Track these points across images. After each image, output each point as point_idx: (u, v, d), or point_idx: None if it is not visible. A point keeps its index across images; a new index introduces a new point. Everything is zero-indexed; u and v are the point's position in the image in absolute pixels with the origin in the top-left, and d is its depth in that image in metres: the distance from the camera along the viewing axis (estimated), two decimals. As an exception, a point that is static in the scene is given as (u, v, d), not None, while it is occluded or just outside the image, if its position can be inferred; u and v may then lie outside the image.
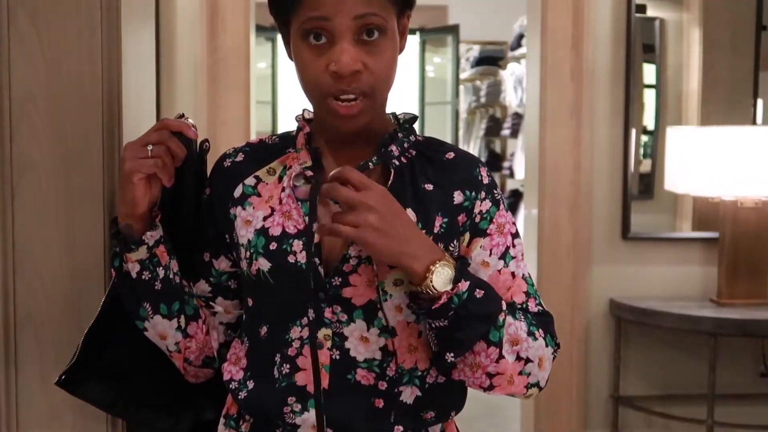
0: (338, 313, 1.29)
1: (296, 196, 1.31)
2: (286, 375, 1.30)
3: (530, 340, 1.28)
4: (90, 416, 1.42)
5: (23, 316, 1.41)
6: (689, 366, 3.81)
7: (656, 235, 3.86)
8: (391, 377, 1.30)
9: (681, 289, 3.80)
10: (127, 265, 1.32)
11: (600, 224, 3.81)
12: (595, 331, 3.83)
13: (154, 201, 1.31)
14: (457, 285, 1.22)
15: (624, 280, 3.80)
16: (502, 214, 1.35)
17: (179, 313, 1.36)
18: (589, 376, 3.84)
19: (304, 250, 1.28)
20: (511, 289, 1.33)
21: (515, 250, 1.35)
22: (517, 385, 1.29)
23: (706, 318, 3.46)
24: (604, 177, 3.80)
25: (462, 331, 1.23)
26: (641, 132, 4.02)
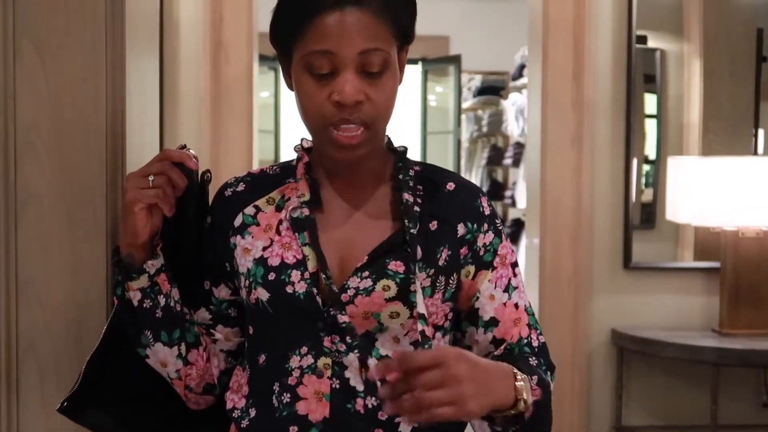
0: (337, 343, 1.30)
1: (294, 228, 1.32)
2: (287, 404, 1.30)
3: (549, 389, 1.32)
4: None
5: (25, 345, 1.41)
6: (691, 396, 3.80)
7: (658, 264, 3.86)
8: None
9: (683, 319, 3.79)
10: (129, 293, 1.33)
11: (601, 254, 3.81)
12: (596, 360, 3.82)
13: (155, 230, 1.33)
14: (533, 389, 1.26)
15: (626, 309, 3.80)
16: (504, 245, 1.37)
17: (180, 340, 1.37)
18: (591, 405, 3.82)
19: (302, 280, 1.29)
20: (516, 321, 1.34)
21: (516, 280, 1.37)
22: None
23: (708, 348, 3.45)
24: (606, 206, 3.81)
25: (538, 420, 1.27)
26: (643, 162, 4.03)
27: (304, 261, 1.30)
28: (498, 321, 1.34)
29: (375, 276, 1.29)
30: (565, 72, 3.72)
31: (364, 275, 1.29)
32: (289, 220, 1.33)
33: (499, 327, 1.34)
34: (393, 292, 1.28)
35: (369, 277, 1.29)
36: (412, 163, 1.39)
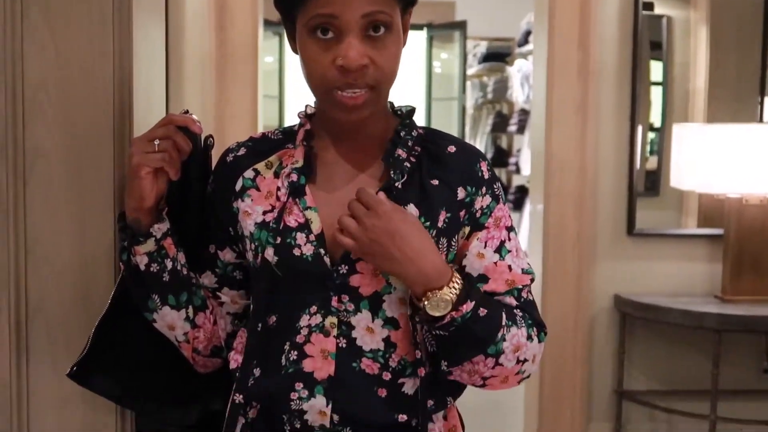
0: (345, 303, 1.31)
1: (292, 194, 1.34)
2: (293, 361, 1.32)
3: (528, 344, 1.33)
4: (100, 406, 1.44)
5: (34, 305, 1.43)
6: (693, 361, 3.83)
7: (661, 231, 3.87)
8: (394, 368, 1.32)
9: (685, 286, 3.81)
10: (136, 258, 1.34)
11: (605, 220, 3.82)
12: (599, 326, 3.84)
13: (161, 194, 1.34)
14: (460, 307, 1.27)
15: (629, 276, 3.82)
16: (501, 208, 1.37)
17: (187, 304, 1.38)
18: (593, 370, 3.85)
19: (308, 242, 1.31)
20: (509, 282, 1.35)
21: (511, 243, 1.37)
22: (511, 382, 1.34)
23: (710, 314, 3.47)
24: (610, 173, 3.81)
25: (461, 346, 1.29)
26: (648, 129, 4.03)
27: (307, 224, 1.32)
28: (488, 278, 1.35)
29: None
30: (571, 38, 3.71)
31: None
32: (287, 186, 1.34)
33: (488, 283, 1.35)
34: None
35: None
36: (416, 126, 1.40)
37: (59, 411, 1.44)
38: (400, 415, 1.32)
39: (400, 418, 1.32)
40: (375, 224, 1.25)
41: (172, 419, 1.45)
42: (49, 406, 1.44)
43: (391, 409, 1.32)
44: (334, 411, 1.31)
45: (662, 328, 3.79)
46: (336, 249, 1.31)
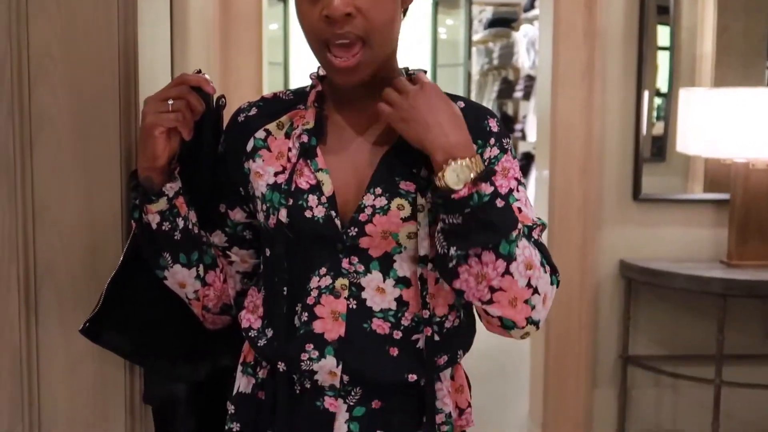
0: (355, 264, 1.32)
1: (303, 155, 1.34)
2: (304, 323, 1.33)
3: (541, 271, 1.28)
4: (110, 362, 1.46)
5: (43, 268, 1.44)
6: (698, 326, 3.83)
7: (667, 196, 3.86)
8: (407, 326, 1.33)
9: (691, 251, 3.81)
10: (147, 216, 1.35)
11: (611, 185, 3.81)
12: (604, 291, 3.85)
13: (173, 154, 1.34)
14: (480, 184, 1.23)
15: (634, 241, 3.82)
16: (508, 159, 1.36)
17: (198, 262, 1.39)
18: (598, 335, 3.87)
19: (319, 204, 1.31)
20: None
21: (519, 194, 1.35)
22: (519, 312, 1.27)
23: (716, 279, 3.47)
24: (616, 138, 3.80)
25: (474, 232, 1.23)
26: (654, 94, 4.01)
27: (319, 186, 1.32)
28: None
29: (389, 194, 1.31)
30: (578, 3, 3.68)
31: (377, 192, 1.31)
32: (297, 147, 1.34)
33: None
34: (407, 212, 1.30)
35: (383, 195, 1.30)
36: None
37: (69, 371, 1.46)
38: (410, 374, 1.33)
39: (410, 377, 1.33)
40: (416, 94, 1.27)
41: (181, 375, 1.47)
42: (59, 367, 1.46)
43: (402, 368, 1.33)
44: (344, 371, 1.32)
45: (667, 294, 3.79)
46: (346, 211, 1.32)
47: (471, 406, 1.45)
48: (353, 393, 1.34)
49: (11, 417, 1.46)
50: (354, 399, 1.34)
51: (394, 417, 1.35)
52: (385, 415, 1.35)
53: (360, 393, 1.34)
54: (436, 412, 1.37)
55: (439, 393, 1.38)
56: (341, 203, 1.32)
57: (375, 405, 1.34)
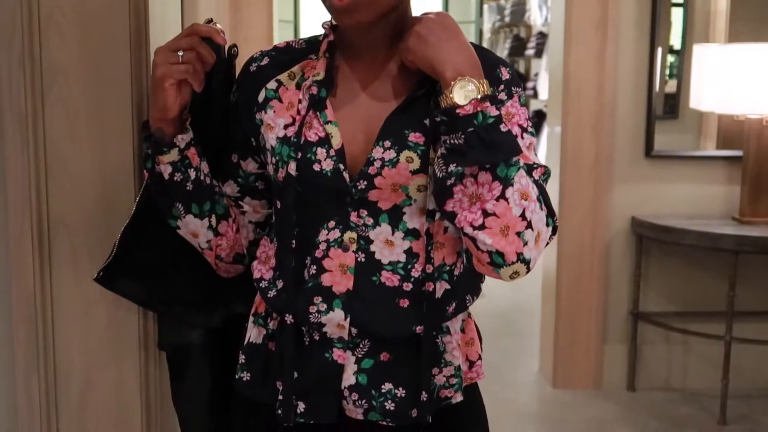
0: (364, 217, 1.32)
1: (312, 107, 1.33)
2: (312, 276, 1.34)
3: (537, 206, 1.26)
4: (123, 308, 1.47)
5: (56, 218, 1.45)
6: (709, 283, 3.84)
7: (680, 153, 3.85)
8: (417, 278, 1.33)
9: (703, 208, 3.80)
10: (159, 167, 1.35)
11: (623, 142, 3.80)
12: (616, 248, 3.85)
13: (184, 105, 1.34)
14: (486, 104, 1.22)
15: (646, 198, 3.81)
16: (515, 106, 1.34)
17: (210, 212, 1.40)
18: (609, 292, 3.88)
19: (328, 157, 1.31)
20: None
21: (524, 141, 1.33)
22: (510, 243, 1.23)
23: (728, 236, 3.47)
24: (629, 95, 3.78)
25: (474, 150, 1.21)
26: (667, 52, 3.98)
27: (327, 139, 1.32)
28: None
29: (397, 147, 1.30)
30: (591, -43, 3.65)
31: (386, 145, 1.30)
32: (307, 98, 1.34)
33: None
34: (417, 165, 1.30)
35: (392, 148, 1.30)
36: None
37: (84, 317, 1.48)
38: (418, 327, 1.34)
39: (418, 329, 1.34)
40: (430, 18, 1.29)
41: (196, 322, 1.48)
42: (73, 313, 1.48)
43: (410, 321, 1.34)
44: (353, 324, 1.33)
45: (679, 250, 3.79)
46: (355, 164, 1.32)
47: (481, 359, 1.46)
48: (362, 345, 1.35)
49: (27, 364, 1.48)
50: (362, 351, 1.35)
51: (403, 369, 1.36)
52: (393, 368, 1.35)
53: (368, 345, 1.35)
54: (445, 365, 1.38)
55: (448, 346, 1.38)
56: (350, 156, 1.32)
57: (383, 357, 1.35)
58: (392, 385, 1.35)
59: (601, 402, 3.79)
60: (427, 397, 1.35)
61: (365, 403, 1.35)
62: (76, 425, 1.52)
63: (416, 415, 1.35)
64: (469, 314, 1.44)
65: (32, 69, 1.41)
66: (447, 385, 1.38)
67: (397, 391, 1.35)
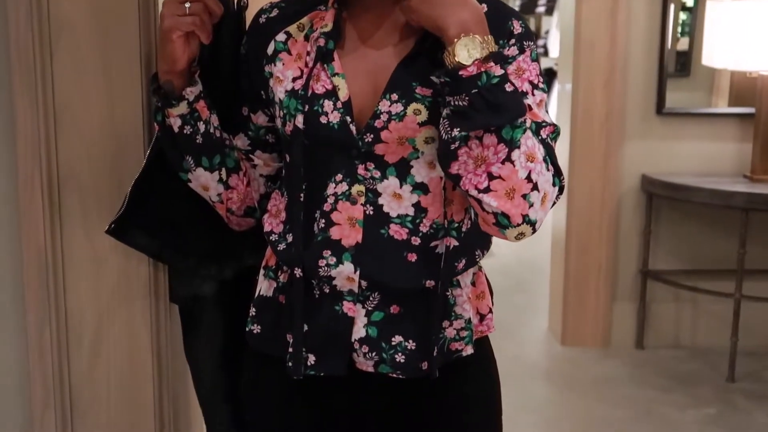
0: (371, 170, 1.32)
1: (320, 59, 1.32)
2: (321, 229, 1.34)
3: (544, 167, 1.25)
4: (134, 260, 1.48)
5: (66, 172, 1.45)
6: (719, 241, 3.83)
7: (691, 110, 3.82)
8: (425, 233, 1.33)
9: (714, 165, 3.79)
10: (169, 120, 1.35)
11: (634, 99, 3.78)
12: (626, 206, 3.84)
13: (192, 57, 1.34)
14: (490, 64, 1.21)
15: (657, 155, 3.79)
16: (526, 61, 1.32)
17: (220, 165, 1.40)
18: (618, 250, 3.87)
19: (335, 110, 1.30)
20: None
21: (534, 98, 1.31)
22: (515, 206, 1.22)
23: (739, 193, 3.46)
24: (640, 52, 3.75)
25: (479, 113, 1.20)
26: (679, 8, 3.94)
27: (334, 91, 1.31)
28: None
29: (405, 100, 1.29)
30: None
31: (393, 98, 1.29)
32: (315, 50, 1.33)
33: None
34: (425, 116, 1.29)
35: (399, 101, 1.29)
36: None
37: (95, 270, 1.48)
38: (427, 280, 1.34)
39: (427, 283, 1.34)
40: None
41: (208, 274, 1.48)
42: (83, 266, 1.49)
43: (419, 274, 1.34)
44: (362, 277, 1.33)
45: (689, 208, 3.78)
46: (362, 117, 1.31)
47: (492, 312, 1.46)
48: (372, 298, 1.35)
49: (39, 318, 1.49)
50: (372, 304, 1.35)
51: (413, 322, 1.36)
52: (403, 321, 1.35)
53: (378, 298, 1.35)
54: (455, 318, 1.38)
55: (458, 299, 1.38)
56: (357, 109, 1.31)
57: (393, 310, 1.35)
58: (402, 338, 1.35)
59: (609, 360, 3.81)
60: (436, 350, 1.35)
61: (375, 356, 1.35)
62: (87, 377, 1.53)
63: (426, 368, 1.35)
64: (479, 267, 1.44)
65: (40, 22, 1.41)
66: (457, 338, 1.39)
67: (408, 343, 1.35)
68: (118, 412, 1.55)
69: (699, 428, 3.21)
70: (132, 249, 1.45)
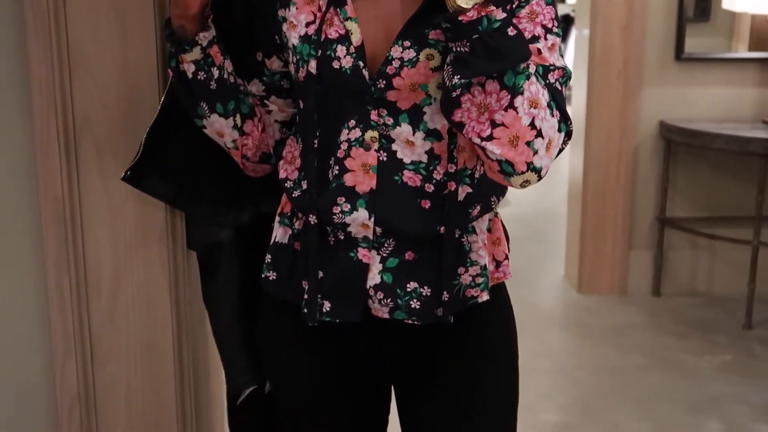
0: (384, 116, 1.31)
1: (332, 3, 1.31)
2: (335, 176, 1.33)
3: (548, 113, 1.23)
4: (150, 206, 1.49)
5: (81, 119, 1.45)
6: (737, 188, 3.81)
7: (710, 56, 3.77)
8: (438, 180, 1.32)
9: (733, 111, 3.75)
10: (183, 65, 1.34)
11: (653, 45, 3.73)
12: (643, 153, 3.82)
13: (205, 2, 1.32)
14: (490, 7, 1.18)
15: (675, 102, 3.76)
16: (540, 4, 1.29)
17: (235, 111, 1.39)
18: (635, 197, 3.86)
19: (347, 54, 1.29)
20: (534, 63, 1.25)
21: (546, 42, 1.29)
22: (519, 153, 1.21)
23: (757, 139, 3.43)
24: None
25: (480, 59, 1.18)
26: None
27: (347, 36, 1.30)
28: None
29: (417, 46, 1.27)
30: None
31: (405, 45, 1.28)
32: None
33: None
34: (438, 61, 1.27)
35: (411, 48, 1.27)
36: None
37: (112, 216, 1.49)
38: (441, 227, 1.34)
39: (441, 230, 1.34)
40: None
41: (225, 221, 1.49)
42: (100, 213, 1.49)
43: (433, 220, 1.33)
44: (377, 223, 1.32)
45: (707, 155, 3.76)
46: (375, 62, 1.30)
47: (508, 259, 1.46)
48: (386, 244, 1.35)
49: (58, 265, 1.50)
50: (387, 250, 1.35)
51: (428, 268, 1.35)
52: (418, 267, 1.35)
53: (393, 244, 1.35)
54: (471, 265, 1.38)
55: (473, 245, 1.38)
56: (370, 54, 1.30)
57: (408, 257, 1.35)
58: (417, 284, 1.35)
59: (625, 307, 3.81)
60: (451, 296, 1.35)
61: (390, 302, 1.35)
62: (107, 324, 1.55)
63: (442, 314, 1.36)
64: (496, 214, 1.44)
65: (53, -36, 1.40)
66: (473, 284, 1.38)
67: (423, 289, 1.35)
68: (137, 360, 1.56)
69: (715, 375, 3.22)
70: (148, 196, 1.45)
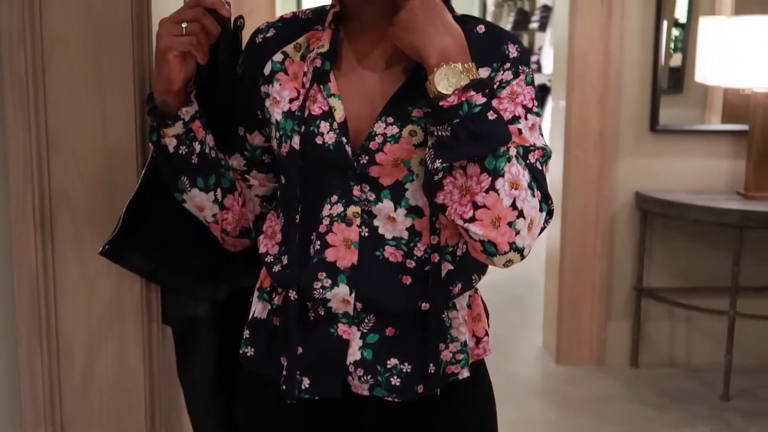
0: (366, 192, 1.31)
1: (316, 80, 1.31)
2: (317, 251, 1.32)
3: (529, 194, 1.23)
4: (125, 281, 1.47)
5: (58, 192, 1.44)
6: (713, 258, 3.82)
7: (685, 127, 3.82)
8: (420, 257, 1.32)
9: (708, 183, 3.78)
10: (164, 140, 1.34)
11: (628, 116, 3.78)
12: (620, 223, 3.84)
13: (188, 77, 1.33)
14: (470, 93, 1.19)
15: (651, 173, 3.79)
16: (520, 85, 1.31)
17: (216, 186, 1.38)
18: (613, 268, 3.86)
19: (331, 130, 1.29)
20: (515, 144, 1.26)
21: (527, 122, 1.30)
22: (501, 234, 1.21)
23: (733, 210, 3.46)
24: (634, 69, 3.75)
25: (461, 143, 1.19)
26: (672, 25, 3.95)
27: (330, 112, 1.30)
28: None
29: (400, 122, 1.28)
30: (597, -72, 3.61)
31: (389, 121, 1.28)
32: (311, 71, 1.32)
33: None
34: (420, 138, 1.28)
35: (395, 124, 1.28)
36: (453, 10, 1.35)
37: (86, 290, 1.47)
38: (423, 303, 1.33)
39: (423, 306, 1.33)
40: (416, 4, 1.22)
41: (203, 295, 1.47)
42: (75, 288, 1.47)
43: (415, 296, 1.32)
44: (357, 299, 1.31)
45: (683, 225, 3.78)
46: (358, 138, 1.30)
47: (488, 335, 1.45)
48: (367, 320, 1.33)
49: (30, 340, 1.47)
50: (368, 326, 1.34)
51: (408, 345, 1.34)
52: (398, 343, 1.34)
53: (373, 320, 1.33)
54: (451, 341, 1.37)
55: (454, 321, 1.37)
56: (353, 130, 1.30)
57: (389, 332, 1.34)
58: (398, 361, 1.34)
59: (604, 378, 3.79)
60: (433, 372, 1.34)
61: (371, 379, 1.34)
62: (79, 399, 1.51)
63: (422, 391, 1.34)
64: (476, 290, 1.43)
65: (32, 39, 1.40)
66: (453, 361, 1.37)
67: (403, 366, 1.34)
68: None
69: (694, 447, 3.20)
70: (125, 271, 1.43)
